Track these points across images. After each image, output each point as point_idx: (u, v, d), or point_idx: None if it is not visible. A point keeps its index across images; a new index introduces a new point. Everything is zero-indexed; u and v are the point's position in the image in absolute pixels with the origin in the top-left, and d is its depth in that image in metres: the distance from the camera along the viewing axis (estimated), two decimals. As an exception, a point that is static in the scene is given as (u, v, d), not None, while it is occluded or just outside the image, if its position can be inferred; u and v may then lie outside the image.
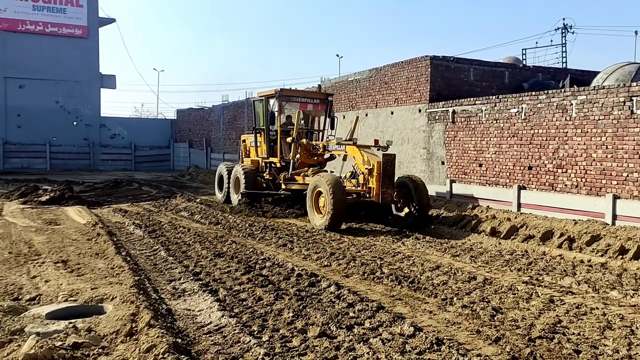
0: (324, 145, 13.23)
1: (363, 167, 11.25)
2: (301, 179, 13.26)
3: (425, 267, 7.77)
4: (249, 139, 16.09)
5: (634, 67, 14.41)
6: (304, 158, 13.51)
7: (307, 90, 17.51)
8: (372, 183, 10.97)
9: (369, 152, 11.55)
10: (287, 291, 6.32)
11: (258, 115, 15.07)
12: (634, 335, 4.97)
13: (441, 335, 4.86)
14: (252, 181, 14.59)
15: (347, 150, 12.09)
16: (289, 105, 14.44)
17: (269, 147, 14.44)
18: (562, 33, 30.01)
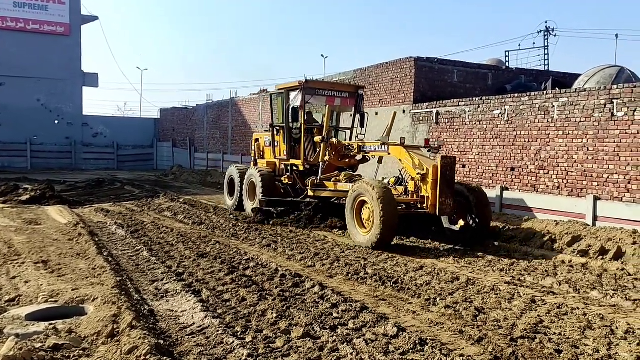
0: (359, 146, 11.21)
1: (414, 172, 9.45)
2: (332, 185, 11.53)
3: (409, 268, 7.80)
4: (262, 138, 14.46)
5: (614, 70, 14.64)
6: (333, 160, 11.71)
7: (335, 82, 15.58)
8: (426, 191, 9.19)
9: (420, 155, 9.81)
10: (271, 292, 6.30)
11: (276, 111, 13.24)
12: (613, 335, 5.03)
13: (424, 336, 4.88)
14: (271, 187, 12.77)
15: (393, 152, 10.20)
16: (313, 100, 12.40)
17: (290, 147, 12.62)
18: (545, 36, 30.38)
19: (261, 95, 25.71)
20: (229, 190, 14.60)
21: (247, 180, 13.44)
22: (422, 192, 9.35)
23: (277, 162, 13.31)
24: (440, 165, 8.98)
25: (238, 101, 27.48)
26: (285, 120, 12.57)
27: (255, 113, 25.43)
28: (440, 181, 8.96)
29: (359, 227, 9.67)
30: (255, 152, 14.59)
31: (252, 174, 13.25)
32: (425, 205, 9.24)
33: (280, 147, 13.04)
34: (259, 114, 25.16)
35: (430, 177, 9.09)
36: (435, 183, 9.01)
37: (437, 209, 8.99)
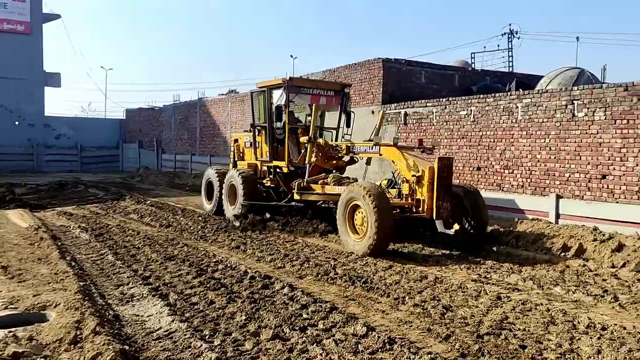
0: (348, 147, 10.59)
1: (409, 174, 8.90)
2: (320, 188, 10.85)
3: (378, 267, 7.84)
4: (242, 139, 13.68)
5: (575, 71, 15.04)
6: (319, 162, 11.03)
7: (320, 80, 14.77)
8: (422, 194, 8.67)
9: (415, 156, 9.28)
10: (240, 294, 6.25)
11: (257, 110, 12.66)
12: (575, 329, 5.16)
13: (393, 335, 4.92)
14: (253, 190, 12.08)
15: (385, 153, 9.63)
16: (297, 98, 11.86)
17: (272, 148, 12.00)
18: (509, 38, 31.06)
19: (230, 96, 25.53)
20: (207, 193, 13.84)
21: (227, 183, 12.69)
22: (417, 195, 8.79)
23: (259, 164, 12.65)
24: (437, 166, 8.47)
25: (206, 102, 27.22)
26: (268, 119, 12.01)
27: (224, 114, 25.22)
28: (437, 184, 8.45)
29: (351, 232, 9.05)
30: (234, 153, 13.87)
31: (232, 177, 12.52)
32: (421, 209, 8.70)
33: (262, 148, 12.43)
34: (227, 114, 24.97)
35: (426, 179, 8.57)
36: (431, 185, 8.51)
37: (434, 213, 8.48)
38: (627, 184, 9.42)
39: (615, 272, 7.68)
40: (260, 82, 12.43)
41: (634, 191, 9.28)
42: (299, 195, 11.08)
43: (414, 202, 8.87)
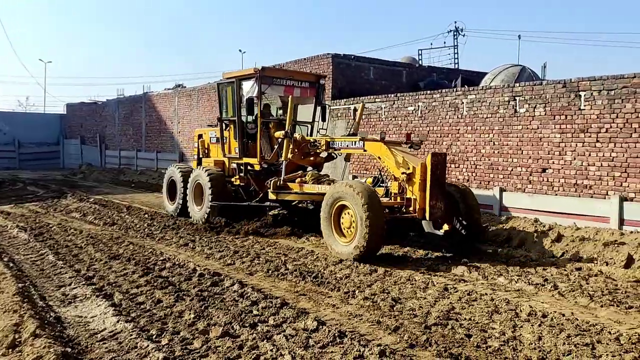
0: (327, 142, 9.81)
1: (398, 172, 8.26)
2: (297, 187, 10.14)
3: (329, 262, 7.88)
4: (207, 134, 12.88)
5: (517, 68, 15.56)
6: (295, 158, 10.29)
7: (294, 70, 13.72)
8: (413, 193, 8.07)
9: (403, 151, 8.67)
10: (189, 292, 6.14)
11: (225, 102, 11.81)
12: (518, 317, 5.35)
13: (343, 328, 4.95)
14: (222, 189, 11.25)
15: (370, 148, 8.92)
16: (270, 90, 11.07)
17: (243, 144, 11.22)
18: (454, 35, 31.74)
19: (176, 91, 25.00)
20: (170, 193, 12.99)
21: (193, 182, 11.79)
22: (407, 194, 8.18)
23: (227, 161, 11.86)
24: (430, 163, 7.88)
25: (152, 96, 26.54)
26: (237, 113, 11.16)
27: (171, 109, 24.68)
28: (431, 181, 7.86)
29: (337, 235, 8.32)
30: (198, 149, 12.95)
31: (198, 175, 11.62)
32: (412, 209, 8.10)
33: (231, 144, 11.65)
34: (174, 109, 24.44)
35: (417, 176, 7.95)
36: (423, 184, 7.92)
37: (427, 213, 7.90)
38: (565, 177, 9.83)
39: (555, 262, 8.00)
40: (229, 73, 11.71)
41: (572, 184, 9.70)
42: (274, 194, 10.27)
43: (404, 201, 8.27)
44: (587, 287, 6.56)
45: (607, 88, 9.29)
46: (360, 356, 4.27)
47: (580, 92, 9.67)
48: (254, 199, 10.99)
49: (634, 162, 8.94)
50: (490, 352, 4.44)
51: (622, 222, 8.91)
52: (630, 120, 9.01)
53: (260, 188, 10.99)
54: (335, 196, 8.31)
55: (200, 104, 22.68)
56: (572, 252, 8.25)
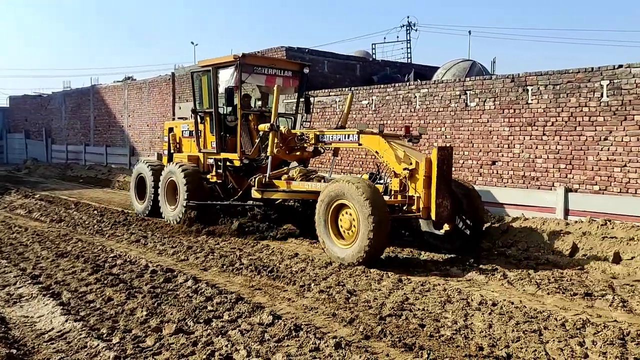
0: (317, 135, 9.03)
1: (399, 167, 7.63)
2: (284, 185, 9.37)
3: (284, 256, 7.85)
4: (179, 127, 12.06)
5: (467, 63, 15.90)
6: (281, 153, 9.53)
7: (276, 58, 12.65)
8: (416, 190, 7.43)
9: (403, 145, 8.05)
10: (141, 289, 6.00)
11: (200, 93, 10.93)
12: (469, 306, 5.48)
13: (299, 322, 4.95)
14: (198, 187, 10.49)
15: (367, 142, 8.25)
16: (251, 79, 10.38)
17: (220, 137, 10.40)
18: (407, 30, 32.17)
19: (126, 83, 24.32)
20: (138, 191, 12.12)
21: (165, 179, 10.96)
22: (410, 192, 7.52)
23: (202, 157, 11.04)
24: (436, 158, 7.26)
25: (100, 89, 25.73)
26: (214, 104, 10.30)
27: (121, 102, 23.99)
28: (437, 178, 7.24)
29: (335, 237, 7.65)
30: (169, 144, 12.11)
31: (171, 172, 10.78)
32: (415, 208, 7.45)
33: (207, 138, 10.77)
34: (124, 102, 23.78)
35: (421, 172, 7.34)
36: (428, 180, 7.30)
37: (434, 212, 7.25)
38: (513, 169, 10.13)
39: (504, 252, 8.24)
40: (205, 61, 10.80)
41: (520, 176, 10.00)
42: (259, 193, 9.45)
43: (406, 199, 7.57)
44: (534, 276, 6.79)
45: (553, 83, 9.61)
46: (315, 349, 4.28)
47: (528, 87, 9.96)
48: (232, 197, 10.30)
49: (578, 154, 9.30)
50: (443, 341, 4.53)
51: (567, 212, 9.26)
52: (574, 114, 9.35)
53: (239, 185, 10.36)
54: (333, 194, 7.59)
55: (151, 97, 22.15)
56: (520, 242, 8.52)
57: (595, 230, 8.45)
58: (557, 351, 4.31)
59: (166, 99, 21.28)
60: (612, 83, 8.89)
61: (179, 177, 10.49)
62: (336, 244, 7.60)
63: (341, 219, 7.60)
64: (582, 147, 9.26)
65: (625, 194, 8.75)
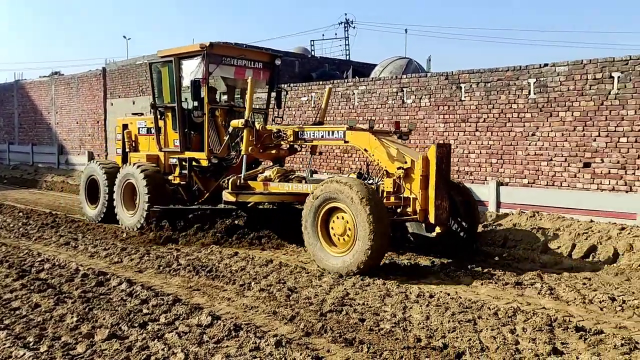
0: (296, 132, 8.29)
1: (392, 167, 7.04)
2: (261, 186, 8.56)
3: (223, 255, 7.72)
4: (134, 124, 11.00)
5: (404, 61, 16.22)
6: (255, 152, 8.77)
7: (246, 48, 11.51)
8: (413, 191, 6.88)
9: (395, 142, 7.53)
10: (71, 294, 5.72)
11: (160, 86, 10.07)
12: (408, 299, 5.59)
13: (239, 321, 4.87)
14: (161, 190, 9.56)
15: (355, 140, 7.60)
16: (219, 71, 9.47)
17: (184, 135, 9.54)
18: (345, 27, 32.44)
19: (53, 78, 23.19)
20: (89, 195, 11.05)
21: (122, 181, 10.04)
22: (405, 193, 6.97)
23: (163, 156, 10.13)
24: (434, 156, 6.74)
25: (25, 84, 24.41)
26: (177, 98, 9.47)
27: (48, 98, 22.85)
28: (436, 178, 6.72)
29: (326, 244, 6.96)
30: (124, 143, 11.11)
31: (129, 173, 9.84)
32: (411, 210, 6.91)
33: (168, 136, 9.90)
34: (51, 99, 22.67)
35: (417, 172, 6.81)
36: (425, 180, 6.78)
37: (433, 215, 6.74)
38: (448, 164, 10.42)
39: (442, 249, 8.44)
40: (165, 50, 9.81)
41: (454, 170, 10.29)
42: (233, 195, 8.54)
43: (401, 201, 7.01)
44: (469, 267, 7.01)
45: (485, 80, 9.95)
46: (256, 348, 4.22)
47: (461, 84, 10.27)
48: (197, 200, 9.61)
49: (508, 149, 9.68)
50: (382, 335, 4.58)
51: (499, 205, 9.64)
52: (504, 111, 9.73)
53: (205, 187, 9.61)
54: (324, 197, 6.88)
55: (81, 93, 21.24)
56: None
57: (524, 221, 8.84)
58: (490, 339, 4.45)
59: (97, 95, 20.47)
60: (539, 81, 9.31)
61: (139, 179, 9.56)
62: (328, 252, 6.87)
63: (333, 223, 6.90)
64: (512, 142, 9.65)
65: (552, 186, 9.20)
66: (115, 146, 11.57)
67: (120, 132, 11.36)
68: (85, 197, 11.17)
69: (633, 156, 8.49)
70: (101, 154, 20.18)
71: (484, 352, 4.21)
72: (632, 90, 8.41)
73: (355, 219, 6.51)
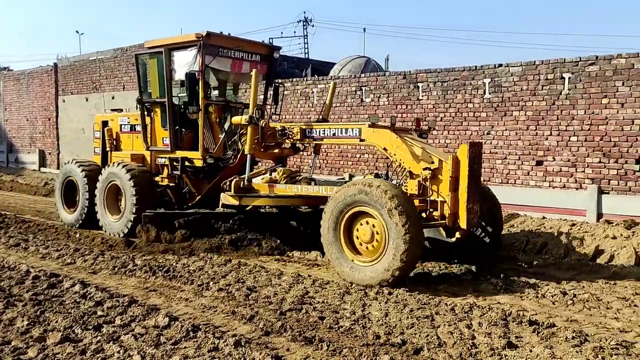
0: (303, 130, 7.71)
1: (417, 167, 6.50)
2: (265, 188, 7.92)
3: (181, 254, 7.60)
4: (116, 121, 10.25)
5: (362, 60, 16.33)
6: (256, 151, 8.15)
7: (242, 39, 10.02)
8: (441, 194, 6.33)
9: (419, 141, 7.01)
10: (21, 297, 5.51)
11: (147, 79, 9.42)
12: (367, 296, 5.63)
13: (197, 322, 4.80)
14: (150, 193, 8.92)
15: (374, 138, 6.98)
16: (215, 63, 8.77)
17: (175, 133, 8.89)
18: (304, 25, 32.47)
19: (1, 74, 22.35)
20: (66, 198, 10.30)
21: (105, 183, 9.29)
22: (432, 196, 6.39)
23: (149, 155, 9.44)
24: (467, 156, 6.16)
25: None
26: (167, 93, 8.79)
27: (-5, 94, 22.01)
28: (468, 180, 6.17)
29: (349, 253, 6.36)
30: (104, 141, 10.32)
31: (114, 174, 9.11)
32: (439, 215, 6.35)
33: (156, 133, 9.23)
34: (0, 95, 21.82)
35: (446, 173, 6.27)
36: (455, 182, 6.24)
37: (464, 220, 6.18)
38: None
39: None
40: (154, 41, 9.09)
41: (412, 169, 10.45)
42: (236, 199, 7.90)
43: (427, 205, 6.45)
44: (427, 265, 7.12)
45: (441, 80, 10.13)
46: (215, 348, 4.17)
47: (419, 84, 10.42)
48: (187, 204, 9.03)
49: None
50: (342, 332, 4.60)
51: (455, 203, 9.81)
52: (460, 110, 9.93)
53: (197, 190, 9.02)
54: (348, 200, 6.28)
55: (31, 90, 20.51)
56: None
57: (480, 218, 9.03)
58: (448, 334, 4.54)
59: (48, 92, 19.82)
60: (494, 81, 9.55)
61: (125, 180, 8.85)
62: (352, 260, 6.30)
63: (358, 229, 6.32)
64: (467, 141, 9.87)
65: (506, 184, 9.45)
66: (93, 145, 10.83)
67: (99, 129, 10.55)
68: (62, 201, 10.34)
69: (583, 155, 8.80)
70: (53, 152, 19.56)
71: (441, 347, 4.28)
72: (582, 90, 8.72)
73: (385, 224, 5.94)
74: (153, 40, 9.13)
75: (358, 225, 6.32)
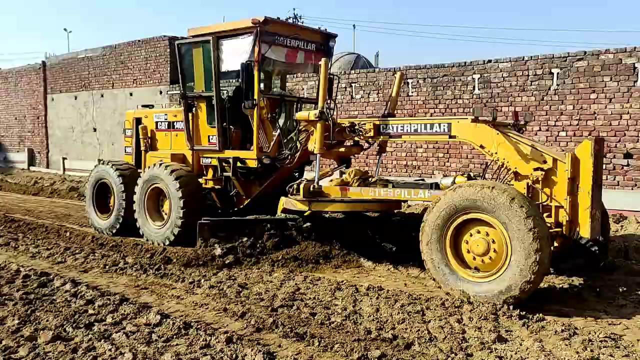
0: (377, 126, 6.87)
1: (526, 168, 5.71)
2: (336, 192, 7.20)
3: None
4: (151, 117, 9.32)
5: (352, 56, 16.36)
6: (322, 150, 7.20)
7: (299, 25, 9.28)
8: (556, 198, 5.54)
9: (523, 137, 6.13)
10: (12, 296, 5.50)
11: (191, 71, 8.35)
12: (358, 292, 5.66)
13: (189, 319, 4.81)
14: (197, 197, 8.08)
15: (472, 135, 6.10)
16: (271, 52, 7.81)
17: (224, 130, 8.02)
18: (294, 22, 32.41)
19: (-10, 72, 22.13)
20: (97, 202, 9.41)
21: (145, 186, 8.41)
22: (545, 201, 5.60)
23: (190, 155, 8.58)
24: (591, 153, 5.30)
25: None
26: (215, 86, 7.91)
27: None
28: (592, 182, 5.31)
29: (458, 266, 5.57)
30: (138, 140, 9.41)
31: (156, 176, 8.22)
32: (553, 221, 5.54)
33: (201, 131, 8.34)
34: (-12, 93, 21.64)
35: (562, 174, 5.47)
36: (573, 184, 5.39)
37: (588, 228, 5.31)
38: (397, 158, 10.61)
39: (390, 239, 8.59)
40: (200, 28, 8.13)
41: (403, 165, 10.49)
42: (305, 204, 7.11)
43: None
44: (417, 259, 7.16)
45: (431, 76, 10.17)
46: (206, 345, 4.18)
47: (409, 80, 10.46)
48: (234, 208, 8.31)
49: (454, 144, 9.93)
50: (333, 328, 4.63)
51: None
52: (450, 106, 9.98)
53: (246, 193, 8.23)
54: (458, 206, 5.46)
55: (19, 88, 20.36)
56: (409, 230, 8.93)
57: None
58: (438, 329, 4.58)
59: (37, 90, 19.69)
60: (483, 77, 9.60)
61: (170, 183, 8.00)
62: (462, 275, 5.52)
63: (469, 240, 5.52)
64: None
65: (496, 179, 9.51)
66: (124, 144, 9.98)
67: (131, 127, 9.64)
68: (93, 205, 9.42)
69: (571, 150, 8.90)
70: (42, 151, 19.43)
71: (432, 342, 4.32)
72: (571, 86, 8.80)
73: (507, 236, 5.16)
74: (199, 27, 8.18)
75: (468, 235, 5.54)
